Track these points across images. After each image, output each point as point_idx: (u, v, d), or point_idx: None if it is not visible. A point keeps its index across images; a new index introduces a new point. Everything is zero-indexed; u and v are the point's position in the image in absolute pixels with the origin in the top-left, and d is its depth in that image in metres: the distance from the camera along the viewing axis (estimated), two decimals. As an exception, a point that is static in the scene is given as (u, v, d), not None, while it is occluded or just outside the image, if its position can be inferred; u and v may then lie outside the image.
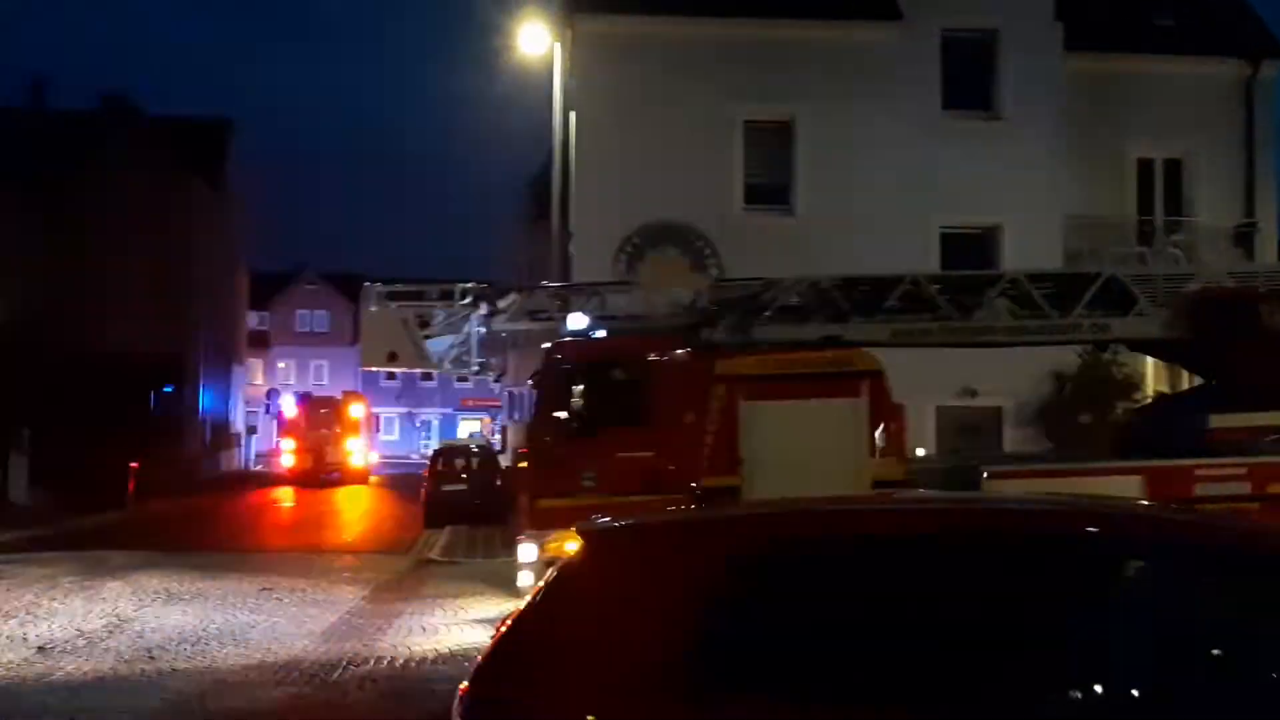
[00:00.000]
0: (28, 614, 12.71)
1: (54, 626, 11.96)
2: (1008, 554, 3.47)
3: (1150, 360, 18.30)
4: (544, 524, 11.38)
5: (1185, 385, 16.56)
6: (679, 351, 12.25)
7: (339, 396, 48.48)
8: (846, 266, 19.23)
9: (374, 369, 12.61)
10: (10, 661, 10.25)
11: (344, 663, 10.23)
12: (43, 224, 40.06)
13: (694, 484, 3.91)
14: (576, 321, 12.89)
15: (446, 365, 14.39)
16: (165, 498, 28.90)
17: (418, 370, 12.68)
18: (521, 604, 3.83)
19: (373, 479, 43.76)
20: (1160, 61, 21.46)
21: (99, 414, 30.43)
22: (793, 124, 19.80)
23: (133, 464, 28.91)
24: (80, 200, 41.07)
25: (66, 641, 11.20)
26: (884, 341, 12.53)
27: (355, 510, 32.43)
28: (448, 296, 14.06)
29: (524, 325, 13.87)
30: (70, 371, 32.70)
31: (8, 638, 11.34)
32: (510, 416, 48.73)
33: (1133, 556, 3.49)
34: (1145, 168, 21.76)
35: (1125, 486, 10.49)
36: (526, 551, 11.74)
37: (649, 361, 12.11)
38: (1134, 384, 18.89)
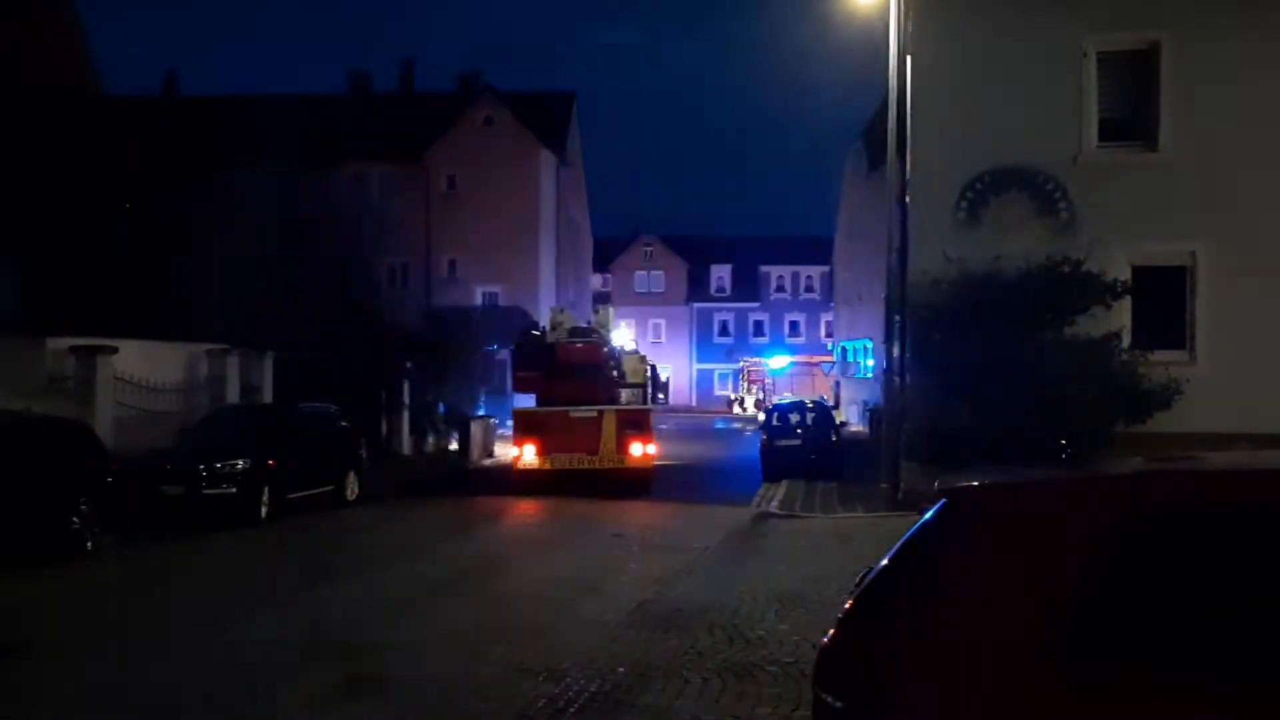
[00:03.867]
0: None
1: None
2: None
3: None
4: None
5: None
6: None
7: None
8: (1217, 204, 17.61)
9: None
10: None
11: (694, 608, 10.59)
12: (407, 191, 43.92)
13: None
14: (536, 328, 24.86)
15: None
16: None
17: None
18: (880, 564, 3.73)
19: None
20: None
21: (467, 367, 33.18)
22: (1155, 51, 18.09)
23: (491, 418, 31.34)
24: (441, 170, 44.64)
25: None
26: None
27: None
28: None
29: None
30: (441, 325, 36.01)
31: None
32: (844, 374, 48.52)
33: None
34: None
35: None
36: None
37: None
38: None
